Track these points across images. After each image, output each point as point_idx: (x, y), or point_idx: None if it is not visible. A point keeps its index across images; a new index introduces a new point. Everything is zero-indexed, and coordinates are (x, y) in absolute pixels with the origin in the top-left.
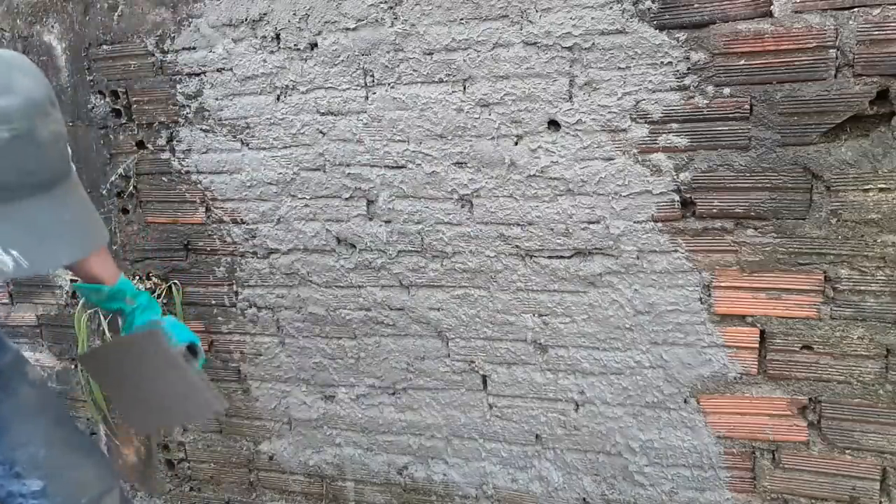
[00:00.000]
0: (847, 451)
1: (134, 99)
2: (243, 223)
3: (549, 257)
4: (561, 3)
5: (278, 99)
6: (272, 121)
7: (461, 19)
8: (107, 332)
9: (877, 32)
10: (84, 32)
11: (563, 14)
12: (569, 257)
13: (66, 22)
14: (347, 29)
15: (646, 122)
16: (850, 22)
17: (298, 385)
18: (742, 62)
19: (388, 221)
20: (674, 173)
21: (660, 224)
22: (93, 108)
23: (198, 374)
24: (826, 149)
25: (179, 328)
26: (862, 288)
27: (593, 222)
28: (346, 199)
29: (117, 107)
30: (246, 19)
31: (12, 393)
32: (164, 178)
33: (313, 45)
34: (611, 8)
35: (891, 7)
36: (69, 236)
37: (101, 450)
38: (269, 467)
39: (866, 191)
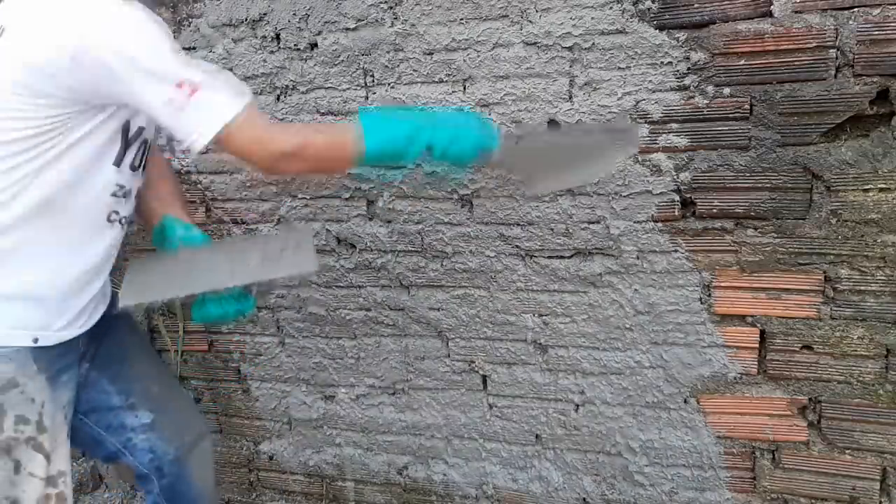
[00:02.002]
0: (847, 451)
1: None
2: (243, 223)
3: (550, 257)
4: (561, 3)
5: (278, 99)
6: (272, 121)
7: (461, 19)
8: None
9: (877, 32)
10: None
11: (563, 14)
12: (569, 257)
13: None
14: (347, 29)
15: (646, 122)
16: (850, 22)
17: (298, 385)
18: (742, 62)
19: (388, 221)
20: (674, 173)
21: (660, 224)
22: None
23: None
24: (826, 149)
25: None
26: (862, 288)
27: (593, 222)
28: (346, 199)
29: None
30: (246, 19)
31: (134, 329)
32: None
33: (313, 45)
34: (611, 8)
35: (891, 7)
36: None
37: (193, 400)
38: (269, 467)
39: (866, 191)
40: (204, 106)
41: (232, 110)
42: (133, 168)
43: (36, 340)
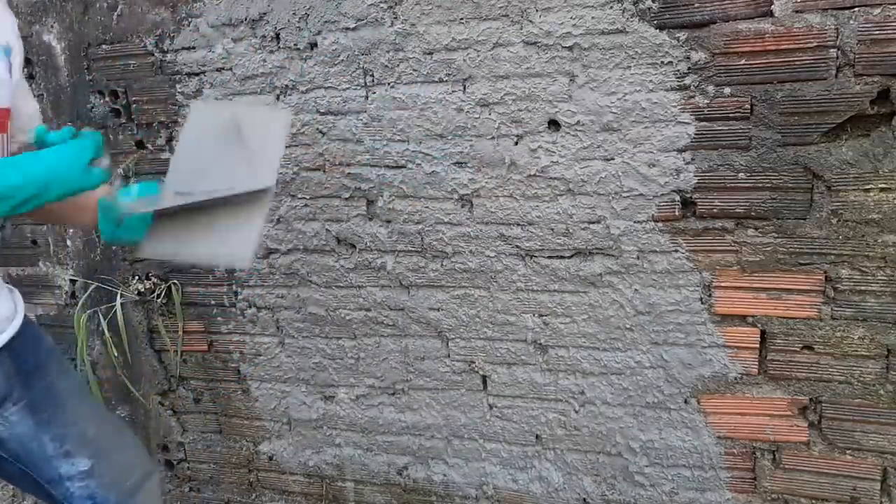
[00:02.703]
0: (848, 452)
1: (133, 99)
2: None
3: (550, 257)
4: (561, 3)
5: (278, 98)
6: None
7: (461, 19)
8: (106, 332)
9: (877, 32)
10: (83, 32)
11: (563, 14)
12: (569, 257)
13: (66, 21)
14: (347, 29)
15: (646, 122)
16: (851, 21)
17: (298, 385)
18: (742, 62)
19: (388, 221)
20: (674, 173)
21: (660, 224)
22: (92, 107)
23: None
24: (827, 149)
25: None
26: (863, 288)
27: (593, 222)
28: (346, 199)
29: (117, 106)
30: (245, 19)
31: (64, 371)
32: (164, 178)
33: (313, 45)
34: (611, 7)
35: (891, 7)
36: None
37: (137, 437)
38: (268, 468)
39: (867, 191)
40: None
41: None
42: None
43: None
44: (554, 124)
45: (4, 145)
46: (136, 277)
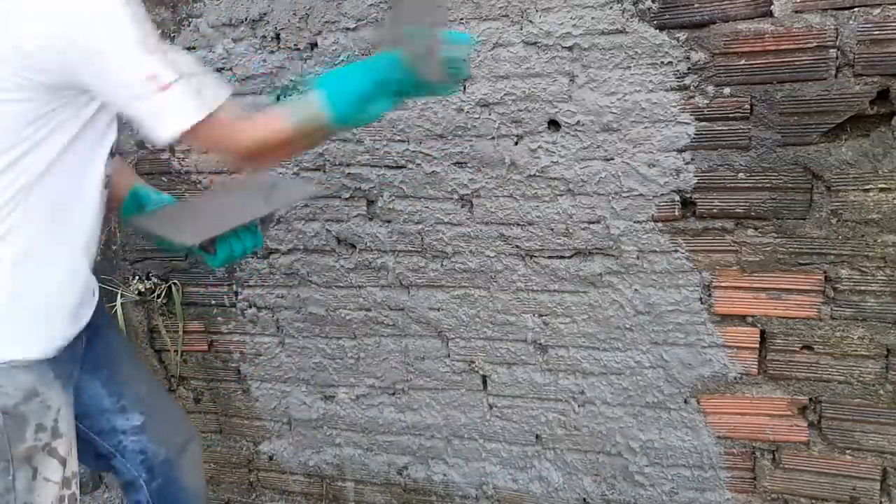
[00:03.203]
0: (847, 452)
1: None
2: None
3: (550, 257)
4: (561, 3)
5: (278, 99)
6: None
7: (461, 19)
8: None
9: (877, 32)
10: None
11: (563, 14)
12: (569, 257)
13: None
14: (347, 29)
15: (646, 122)
16: (851, 22)
17: (298, 385)
18: (742, 62)
19: (388, 221)
20: (674, 173)
21: (660, 224)
22: None
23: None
24: (826, 149)
25: None
26: (862, 288)
27: (593, 222)
28: (346, 199)
29: None
30: (246, 19)
31: (118, 334)
32: (164, 179)
33: (313, 45)
34: (611, 8)
35: (891, 7)
36: None
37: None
38: (268, 467)
39: (867, 191)
40: (169, 104)
41: (194, 117)
42: (112, 155)
43: (50, 349)
44: (554, 124)
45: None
46: (137, 277)
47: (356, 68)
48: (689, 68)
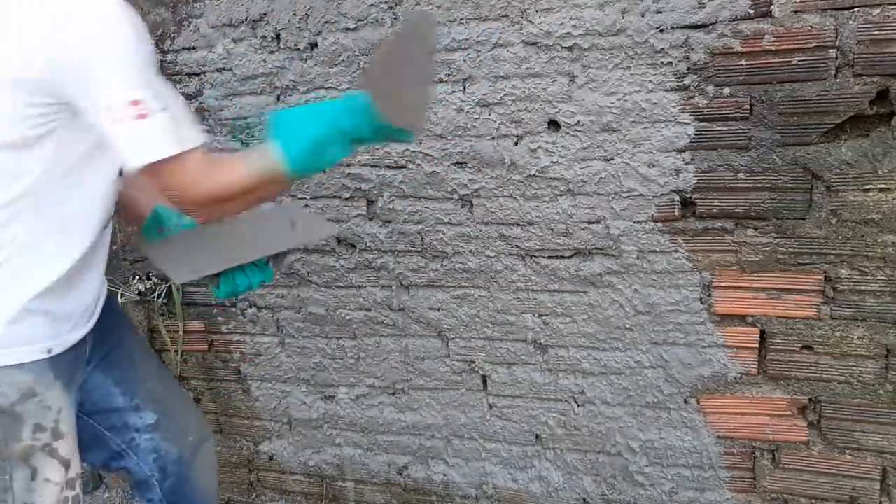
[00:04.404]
0: (847, 451)
1: None
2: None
3: (550, 257)
4: (561, 3)
5: (278, 99)
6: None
7: (461, 19)
8: None
9: (877, 32)
10: None
11: (563, 14)
12: (569, 257)
13: None
14: (347, 29)
15: (646, 122)
16: (850, 22)
17: (298, 385)
18: (742, 62)
19: (388, 221)
20: (674, 173)
21: (660, 224)
22: None
23: None
24: (826, 149)
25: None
26: (862, 288)
27: (593, 222)
28: (346, 199)
29: None
30: (246, 19)
31: (132, 332)
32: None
33: (313, 45)
34: (610, 8)
35: (891, 7)
36: None
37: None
38: (269, 467)
39: (866, 191)
40: (146, 134)
41: (166, 151)
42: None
43: (50, 351)
44: (554, 124)
45: None
46: (137, 277)
47: (315, 114)
48: (688, 68)
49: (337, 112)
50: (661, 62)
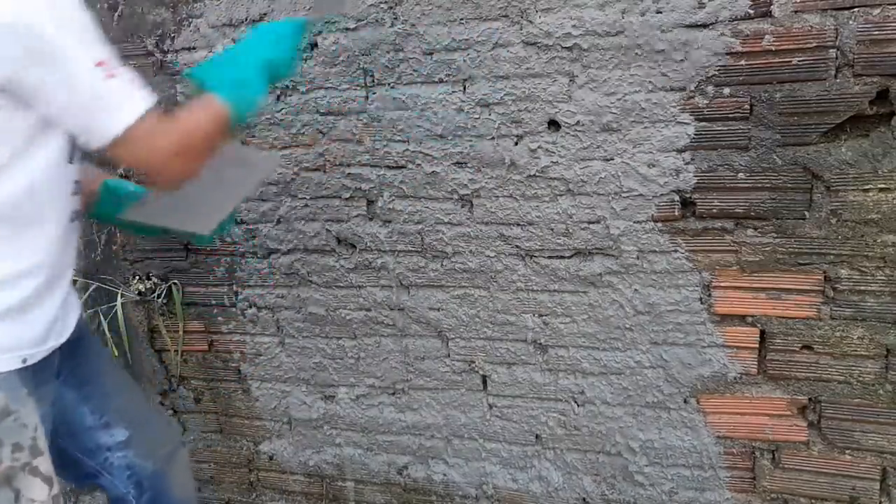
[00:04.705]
0: (847, 451)
1: None
2: (243, 223)
3: (549, 257)
4: (561, 3)
5: (278, 99)
6: (272, 121)
7: (461, 19)
8: (107, 331)
9: (877, 32)
10: None
11: (563, 14)
12: (569, 257)
13: None
14: (347, 29)
15: (645, 122)
16: (850, 22)
17: (298, 385)
18: (742, 62)
19: (388, 221)
20: (674, 173)
21: (660, 224)
22: None
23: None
24: (826, 149)
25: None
26: (862, 288)
27: (593, 222)
28: (346, 199)
29: None
30: (246, 19)
31: (98, 347)
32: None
33: (313, 45)
34: (611, 7)
35: (891, 7)
36: None
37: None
38: (269, 467)
39: (866, 191)
40: (120, 91)
41: (143, 105)
42: (80, 160)
43: (25, 360)
44: (554, 124)
45: None
46: (137, 277)
47: (234, 55)
48: (688, 68)
49: (252, 48)
50: (661, 62)
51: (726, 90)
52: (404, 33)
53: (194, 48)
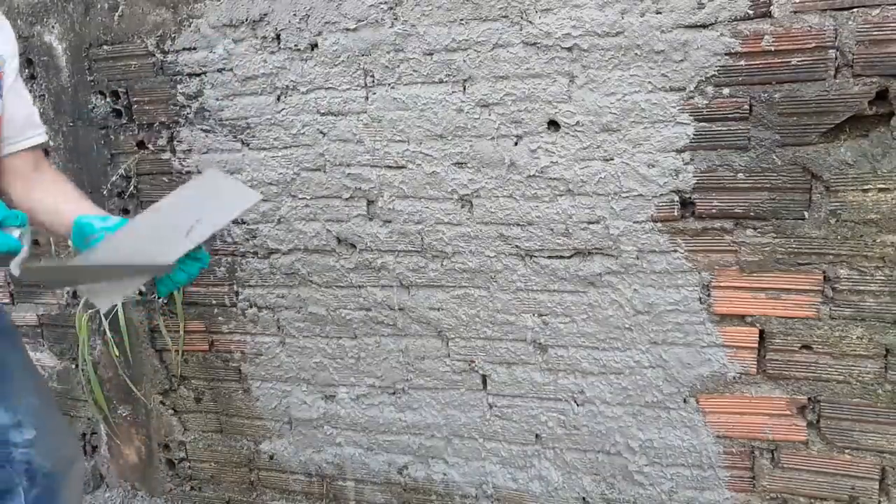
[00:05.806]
0: (846, 451)
1: (134, 99)
2: (244, 223)
3: (549, 257)
4: (561, 4)
5: (279, 99)
6: (273, 121)
7: (461, 19)
8: (108, 331)
9: (876, 32)
10: (84, 33)
11: (563, 14)
12: (569, 257)
13: (67, 22)
14: (347, 29)
15: (645, 123)
16: (850, 22)
17: (299, 385)
18: (741, 62)
19: (388, 221)
20: (673, 173)
21: (659, 224)
22: (93, 108)
23: None
24: (825, 149)
25: None
26: (861, 288)
27: (593, 222)
28: (347, 199)
29: (118, 107)
30: (246, 20)
31: (15, 346)
32: (164, 179)
33: (314, 46)
34: (611, 8)
35: (890, 7)
36: None
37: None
38: (269, 467)
39: (865, 191)
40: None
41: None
42: None
43: None
44: (553, 125)
45: None
46: None
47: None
48: (688, 69)
49: None
50: (661, 62)
51: (726, 90)
52: (404, 33)
53: (195, 48)
